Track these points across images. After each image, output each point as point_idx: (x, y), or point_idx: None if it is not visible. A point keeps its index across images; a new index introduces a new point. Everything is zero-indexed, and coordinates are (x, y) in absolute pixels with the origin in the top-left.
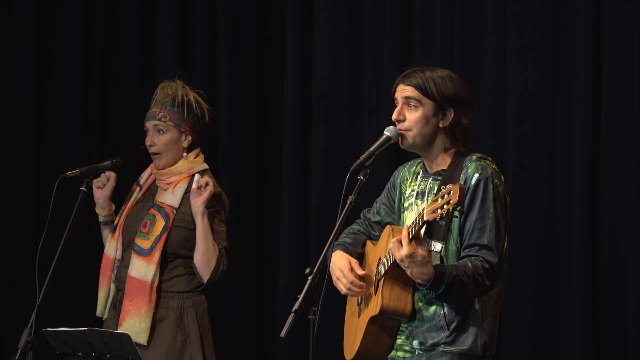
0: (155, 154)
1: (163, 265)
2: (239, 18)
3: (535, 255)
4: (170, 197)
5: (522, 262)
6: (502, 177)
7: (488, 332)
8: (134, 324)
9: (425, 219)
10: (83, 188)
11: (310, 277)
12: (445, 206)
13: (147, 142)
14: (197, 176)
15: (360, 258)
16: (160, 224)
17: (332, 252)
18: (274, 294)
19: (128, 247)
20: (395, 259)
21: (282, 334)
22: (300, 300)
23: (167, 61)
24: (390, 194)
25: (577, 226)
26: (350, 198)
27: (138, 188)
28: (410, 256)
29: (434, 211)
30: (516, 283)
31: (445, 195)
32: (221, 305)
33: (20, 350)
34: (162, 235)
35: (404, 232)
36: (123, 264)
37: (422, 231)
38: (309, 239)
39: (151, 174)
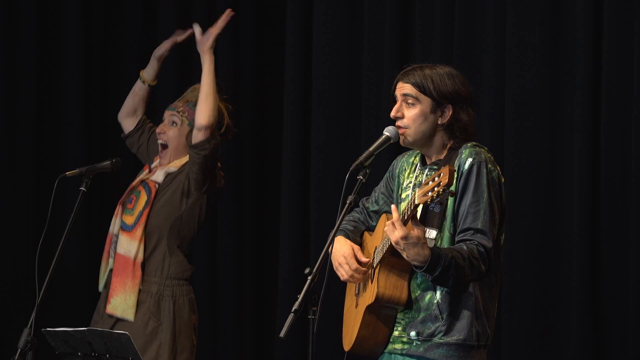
0: (163, 145)
1: (147, 245)
2: (239, 18)
3: (535, 255)
4: (157, 174)
5: (522, 262)
6: (498, 167)
7: (482, 322)
8: (121, 300)
9: (416, 202)
10: (83, 188)
11: (310, 277)
12: (435, 188)
13: (158, 129)
14: (196, 27)
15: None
16: (143, 199)
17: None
18: (274, 294)
19: None
20: (390, 245)
21: (282, 334)
22: (300, 300)
23: (167, 61)
24: (389, 183)
25: (577, 226)
26: (350, 198)
27: (148, 169)
28: (405, 238)
29: (425, 194)
30: (516, 283)
31: (436, 178)
32: (221, 305)
33: (20, 350)
34: (144, 210)
35: (397, 215)
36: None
37: (418, 215)
38: (309, 239)
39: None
